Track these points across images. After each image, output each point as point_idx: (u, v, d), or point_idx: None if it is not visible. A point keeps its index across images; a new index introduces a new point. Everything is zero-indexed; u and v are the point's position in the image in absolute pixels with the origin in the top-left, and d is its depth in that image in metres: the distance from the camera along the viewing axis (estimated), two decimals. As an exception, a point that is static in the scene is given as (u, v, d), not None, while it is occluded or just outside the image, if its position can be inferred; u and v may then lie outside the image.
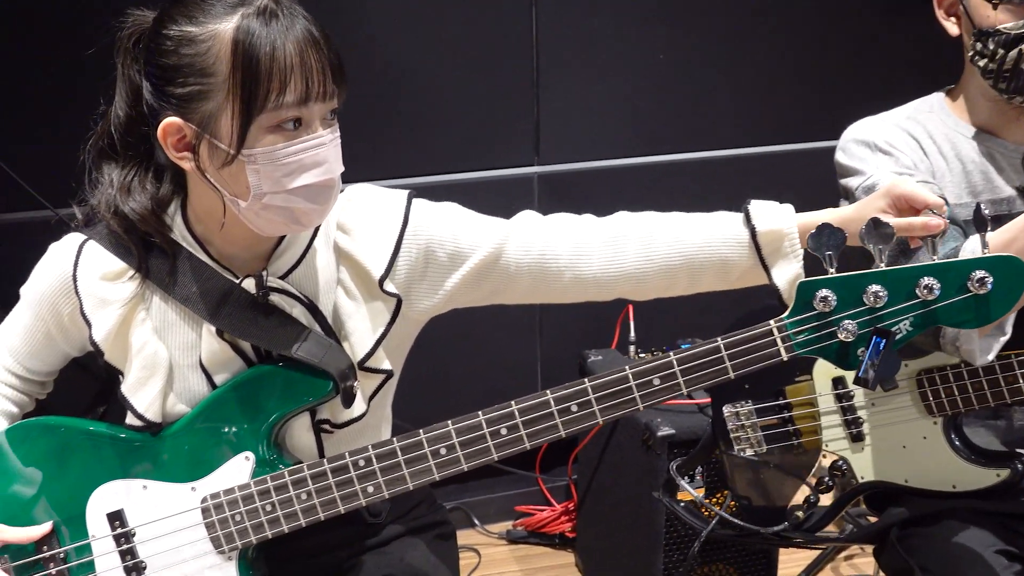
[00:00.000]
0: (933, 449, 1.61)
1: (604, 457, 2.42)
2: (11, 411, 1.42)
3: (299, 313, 1.32)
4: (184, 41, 1.19)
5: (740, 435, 1.70)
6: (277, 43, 1.17)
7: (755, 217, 1.27)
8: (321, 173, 1.22)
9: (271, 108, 1.18)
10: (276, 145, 1.20)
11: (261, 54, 1.16)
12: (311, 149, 1.21)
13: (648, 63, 2.63)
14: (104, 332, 1.30)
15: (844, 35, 2.75)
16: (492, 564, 2.68)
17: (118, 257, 1.30)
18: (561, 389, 1.24)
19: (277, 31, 1.17)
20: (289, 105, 1.18)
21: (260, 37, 1.17)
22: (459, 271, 1.34)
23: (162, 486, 1.33)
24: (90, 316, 1.31)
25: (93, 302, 1.30)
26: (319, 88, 1.19)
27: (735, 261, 1.29)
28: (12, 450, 1.37)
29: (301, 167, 1.21)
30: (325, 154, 1.22)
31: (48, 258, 1.35)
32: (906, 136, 1.63)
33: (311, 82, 1.19)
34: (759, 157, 2.78)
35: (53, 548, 1.35)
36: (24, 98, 2.24)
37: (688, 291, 1.34)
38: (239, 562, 1.33)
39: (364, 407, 1.35)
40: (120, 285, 1.30)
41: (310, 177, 1.22)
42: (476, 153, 2.58)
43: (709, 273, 1.31)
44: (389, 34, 2.44)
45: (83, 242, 1.32)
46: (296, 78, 1.18)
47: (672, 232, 1.31)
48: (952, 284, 1.14)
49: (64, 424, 1.38)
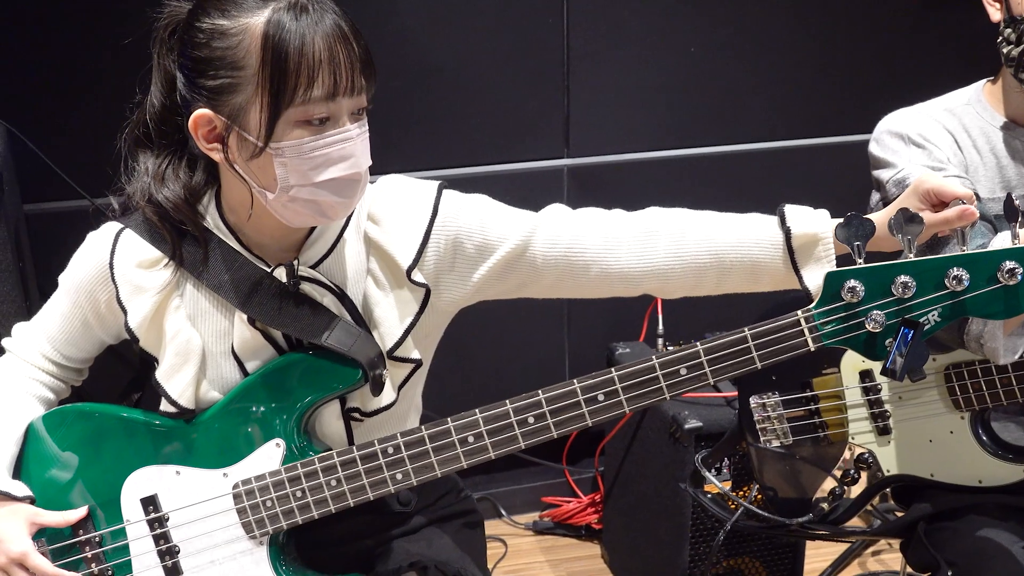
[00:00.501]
0: (960, 444, 1.61)
1: (631, 449, 2.42)
2: (48, 397, 1.45)
3: (329, 302, 1.33)
4: (216, 34, 1.20)
5: (766, 426, 1.69)
6: (306, 38, 1.17)
7: (791, 220, 1.26)
8: (347, 167, 1.23)
9: (299, 103, 1.19)
10: (303, 139, 1.21)
11: (290, 49, 1.17)
12: (338, 143, 1.22)
13: (678, 56, 2.62)
14: (139, 319, 1.32)
15: (877, 27, 2.72)
16: (518, 555, 2.69)
17: (153, 245, 1.33)
18: (588, 378, 1.24)
19: (307, 25, 1.18)
20: (317, 100, 1.19)
21: (289, 32, 1.18)
22: (487, 263, 1.34)
23: (195, 472, 1.36)
24: (126, 303, 1.33)
25: (129, 289, 1.33)
26: (347, 83, 1.20)
27: (766, 263, 1.28)
28: (49, 436, 1.40)
29: (328, 161, 1.22)
30: (352, 148, 1.23)
31: (86, 247, 1.37)
32: (940, 129, 1.61)
33: (339, 77, 1.19)
34: (790, 151, 2.76)
35: (89, 532, 1.38)
36: (61, 88, 2.27)
37: (714, 291, 1.33)
38: (270, 547, 1.36)
39: (393, 396, 1.37)
40: (155, 273, 1.32)
41: (336, 171, 1.23)
42: (506, 146, 2.59)
43: (738, 274, 1.30)
44: (420, 27, 2.44)
45: (119, 231, 1.35)
46: (324, 73, 1.18)
47: (703, 230, 1.30)
48: (982, 275, 1.13)
49: (100, 410, 1.40)
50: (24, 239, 2.10)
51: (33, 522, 1.36)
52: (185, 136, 1.31)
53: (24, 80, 2.24)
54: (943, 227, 1.18)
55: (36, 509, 1.37)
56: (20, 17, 2.22)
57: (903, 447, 1.64)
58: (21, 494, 1.36)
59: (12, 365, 1.45)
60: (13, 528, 1.34)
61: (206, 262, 1.32)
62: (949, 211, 1.17)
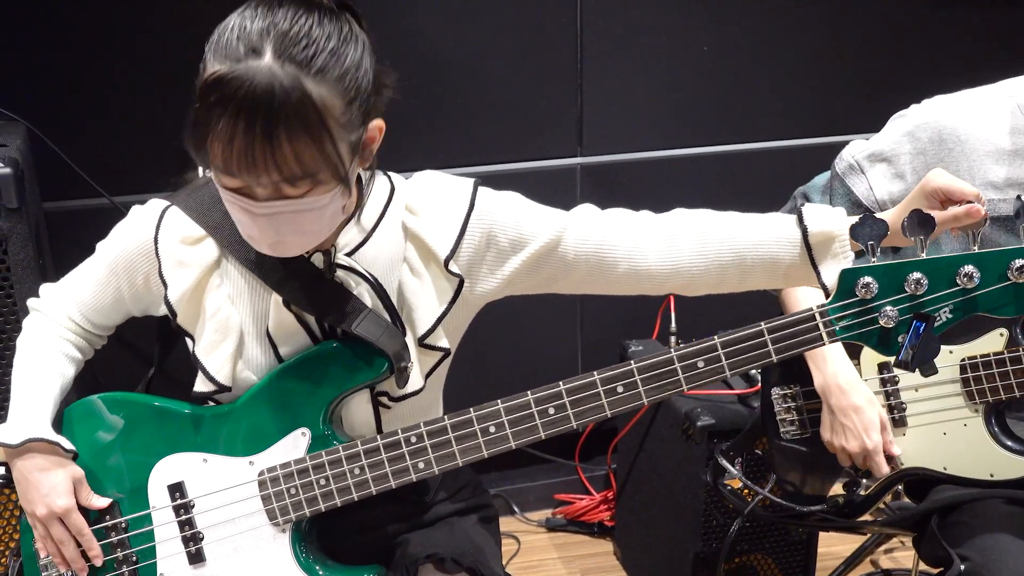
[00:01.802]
0: (973, 437, 1.62)
1: (644, 446, 2.44)
2: (75, 355, 1.47)
3: (363, 291, 1.36)
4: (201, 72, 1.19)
5: (786, 418, 1.71)
6: (217, 108, 1.12)
7: (808, 219, 1.30)
8: (250, 239, 1.26)
9: (211, 160, 1.17)
10: (223, 190, 1.21)
11: (205, 110, 1.14)
12: (236, 214, 1.23)
13: (692, 54, 2.63)
14: (179, 293, 1.35)
15: (889, 25, 2.73)
16: (531, 551, 2.71)
17: (197, 223, 1.36)
18: (608, 370, 1.27)
19: (228, 95, 1.12)
20: (216, 168, 1.17)
21: (213, 90, 1.13)
22: (519, 256, 1.37)
23: (221, 459, 1.38)
24: (167, 277, 1.36)
25: (172, 263, 1.36)
26: (242, 168, 1.15)
27: (785, 260, 1.31)
28: (80, 423, 1.43)
29: (238, 221, 1.25)
30: (249, 226, 1.23)
31: (131, 219, 1.40)
32: (922, 139, 1.61)
33: (229, 160, 1.15)
34: (803, 149, 2.77)
35: (115, 518, 1.41)
36: (81, 87, 2.28)
37: (738, 288, 1.37)
38: (293, 534, 1.38)
39: (422, 383, 1.39)
40: (198, 249, 1.35)
41: (245, 233, 1.26)
42: (520, 144, 2.60)
43: (759, 271, 1.34)
44: (434, 26, 2.46)
45: (166, 207, 1.38)
46: (219, 148, 1.14)
47: (726, 230, 1.34)
48: (992, 272, 1.16)
49: (131, 399, 1.43)
50: (44, 236, 2.12)
51: (77, 481, 1.38)
52: None
53: (44, 79, 2.26)
54: (952, 225, 1.21)
55: (79, 472, 1.39)
56: (40, 17, 2.23)
57: (918, 439, 1.66)
58: (69, 447, 1.39)
59: (41, 323, 1.46)
60: (61, 482, 1.37)
61: (244, 243, 1.33)
62: (958, 208, 1.20)
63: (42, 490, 1.37)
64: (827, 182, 1.74)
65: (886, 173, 1.63)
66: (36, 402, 1.40)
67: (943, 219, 1.21)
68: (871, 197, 1.63)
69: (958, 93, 1.66)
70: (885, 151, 1.63)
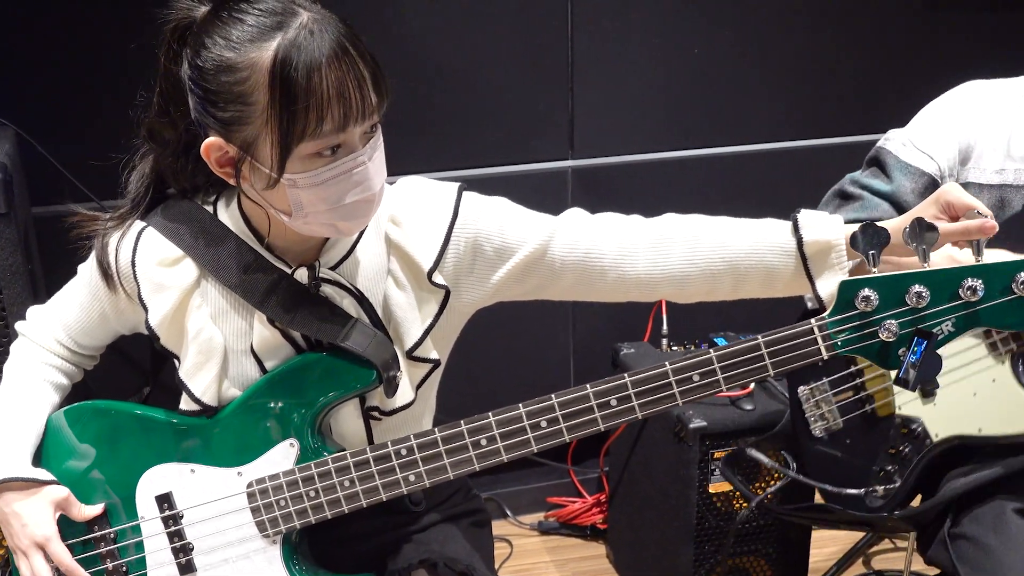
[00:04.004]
0: (1003, 390, 1.58)
1: (636, 449, 2.43)
2: (62, 383, 1.46)
3: (348, 304, 1.34)
4: (223, 68, 1.18)
5: (815, 413, 1.68)
6: (313, 73, 1.15)
7: (803, 227, 1.26)
8: (361, 191, 1.23)
9: (309, 138, 1.18)
10: (317, 169, 1.20)
11: (298, 89, 1.15)
12: (352, 170, 1.22)
13: (683, 57, 2.62)
14: (160, 316, 1.33)
15: (882, 27, 2.72)
16: (524, 555, 2.70)
17: (174, 244, 1.33)
18: (601, 383, 1.25)
19: (313, 56, 1.15)
20: (327, 134, 1.18)
21: (296, 69, 1.15)
22: (505, 265, 1.35)
23: (209, 470, 1.37)
24: (147, 301, 1.34)
25: (150, 287, 1.33)
26: (357, 111, 1.18)
27: (780, 269, 1.29)
28: (65, 432, 1.41)
29: (342, 187, 1.22)
30: (364, 172, 1.23)
31: (109, 243, 1.37)
32: (964, 130, 1.61)
33: (349, 107, 1.17)
34: (794, 152, 2.77)
35: (103, 528, 1.39)
36: (69, 92, 2.27)
37: (731, 296, 1.34)
38: (283, 546, 1.37)
39: (412, 395, 1.38)
40: (177, 270, 1.33)
41: (351, 196, 1.23)
42: (511, 147, 2.59)
43: (753, 280, 1.31)
44: (425, 29, 2.45)
45: (142, 229, 1.35)
46: (333, 107, 1.16)
47: (718, 236, 1.31)
48: (996, 286, 1.13)
49: (116, 408, 1.41)
50: (33, 241, 2.11)
51: (58, 505, 1.37)
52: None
53: (33, 83, 2.24)
54: (960, 237, 1.18)
55: (63, 492, 1.37)
56: (28, 20, 2.22)
57: (949, 407, 1.61)
58: (47, 479, 1.37)
59: (27, 350, 1.45)
60: (39, 511, 1.36)
61: (225, 262, 1.32)
62: (969, 222, 1.17)
63: (23, 523, 1.35)
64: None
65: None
66: (16, 438, 1.38)
67: (952, 231, 1.18)
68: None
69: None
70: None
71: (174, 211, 1.35)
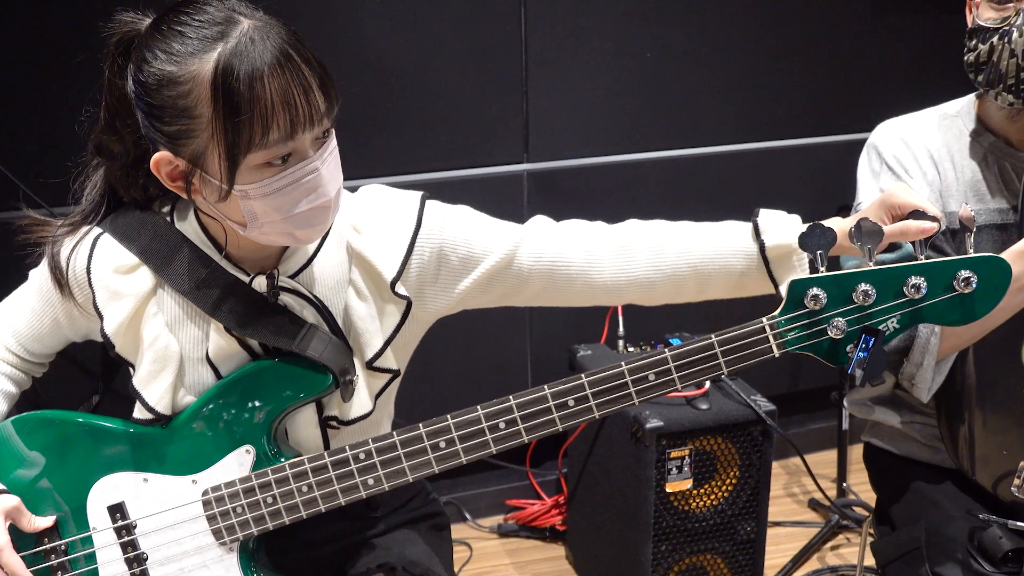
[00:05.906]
0: None
1: (594, 451, 2.44)
2: (10, 391, 1.43)
3: (309, 314, 1.33)
4: (165, 82, 1.17)
5: None
6: (256, 83, 1.13)
7: (764, 232, 1.30)
8: (315, 198, 1.22)
9: (257, 148, 1.16)
10: (268, 179, 1.18)
11: (241, 100, 1.13)
12: (303, 178, 1.20)
13: (636, 61, 2.65)
14: (115, 324, 1.31)
15: (832, 31, 2.78)
16: (484, 558, 2.70)
17: (130, 251, 1.32)
18: (558, 384, 1.26)
19: (255, 66, 1.13)
20: (275, 143, 1.16)
21: (238, 78, 1.13)
22: (471, 275, 1.35)
23: (163, 479, 1.35)
24: (102, 308, 1.32)
25: (106, 295, 1.31)
26: (305, 118, 1.16)
27: (744, 273, 1.32)
28: (11, 443, 1.38)
29: (295, 196, 1.20)
30: (317, 179, 1.21)
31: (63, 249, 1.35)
32: (922, 152, 1.63)
33: (295, 115, 1.15)
34: (747, 154, 2.80)
35: (54, 540, 1.37)
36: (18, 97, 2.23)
37: (697, 298, 1.36)
38: (240, 553, 1.36)
39: (371, 405, 1.37)
40: (133, 278, 1.31)
41: (305, 204, 1.21)
42: (466, 151, 2.59)
43: (718, 283, 1.33)
44: (379, 33, 2.44)
45: (98, 235, 1.33)
46: (279, 115, 1.14)
47: (682, 242, 1.33)
48: (938, 283, 1.17)
49: (63, 417, 1.39)
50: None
51: (8, 514, 1.33)
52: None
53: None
54: (901, 238, 1.22)
55: (13, 501, 1.34)
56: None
57: None
58: None
59: None
60: None
61: (180, 269, 1.31)
62: (909, 223, 1.21)
63: None
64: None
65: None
66: None
67: (893, 231, 1.21)
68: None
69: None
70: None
71: (129, 219, 1.33)
